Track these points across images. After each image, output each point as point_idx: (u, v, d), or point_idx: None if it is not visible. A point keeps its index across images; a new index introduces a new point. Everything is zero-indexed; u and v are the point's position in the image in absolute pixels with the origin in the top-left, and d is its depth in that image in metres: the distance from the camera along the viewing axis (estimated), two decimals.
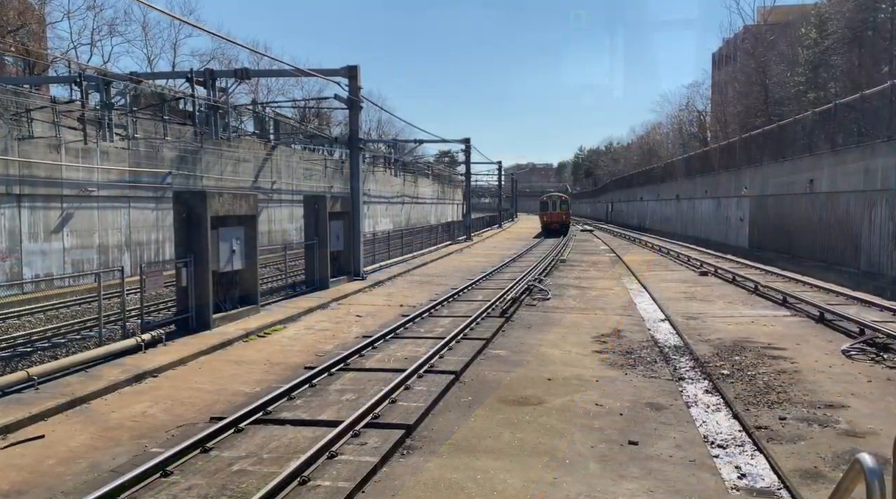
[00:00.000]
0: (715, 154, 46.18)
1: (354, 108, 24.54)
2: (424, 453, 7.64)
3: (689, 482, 6.86)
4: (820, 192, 27.19)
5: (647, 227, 67.89)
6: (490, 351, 12.90)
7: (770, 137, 34.74)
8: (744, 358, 12.31)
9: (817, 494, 6.58)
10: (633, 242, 50.17)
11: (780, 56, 51.35)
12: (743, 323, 15.92)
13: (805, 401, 9.64)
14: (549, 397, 9.83)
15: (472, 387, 10.37)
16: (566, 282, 24.21)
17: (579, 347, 13.32)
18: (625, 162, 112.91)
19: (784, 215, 31.35)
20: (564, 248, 41.05)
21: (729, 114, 61.62)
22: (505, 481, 6.85)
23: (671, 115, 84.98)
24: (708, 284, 23.93)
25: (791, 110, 42.21)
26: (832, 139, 27.09)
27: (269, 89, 58.51)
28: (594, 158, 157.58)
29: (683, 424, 8.70)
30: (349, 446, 7.67)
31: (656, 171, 68.71)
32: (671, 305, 18.61)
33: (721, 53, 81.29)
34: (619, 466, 7.27)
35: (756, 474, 7.24)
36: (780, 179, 32.23)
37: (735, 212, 39.61)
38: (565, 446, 7.85)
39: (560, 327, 15.38)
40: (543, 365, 11.76)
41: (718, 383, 10.67)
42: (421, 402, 9.28)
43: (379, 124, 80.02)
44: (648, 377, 11.03)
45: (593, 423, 8.67)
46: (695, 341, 13.81)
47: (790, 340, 13.81)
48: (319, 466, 7.09)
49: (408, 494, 6.56)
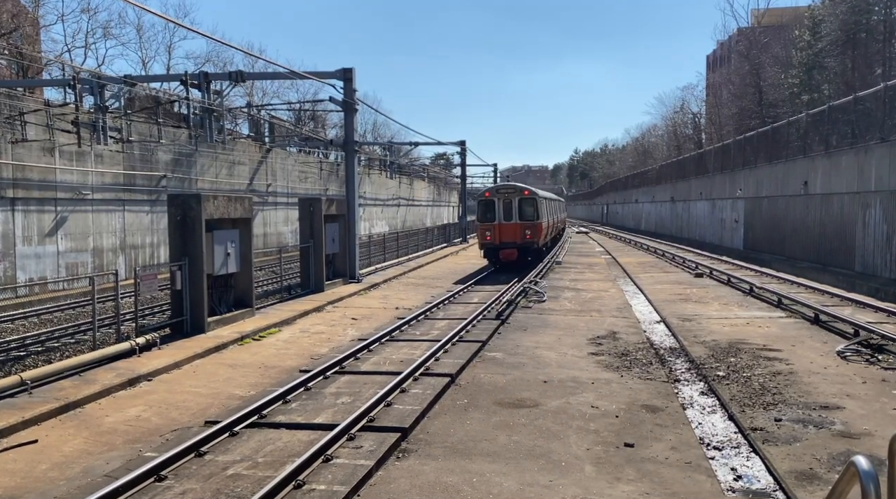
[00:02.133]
0: (710, 156, 46.31)
1: (350, 111, 24.53)
2: (420, 457, 7.62)
3: (685, 484, 6.86)
4: (814, 193, 27.27)
5: (643, 229, 68.03)
6: (486, 353, 12.88)
7: (764, 139, 34.84)
8: (739, 360, 12.32)
9: (813, 495, 6.59)
10: (629, 244, 50.24)
11: (774, 58, 51.55)
12: (738, 325, 15.94)
13: (800, 402, 9.65)
14: (544, 399, 9.82)
15: (468, 390, 10.35)
16: (562, 284, 24.22)
17: (575, 349, 13.32)
18: (620, 164, 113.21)
19: (779, 217, 31.43)
20: (560, 250, 41.06)
21: (723, 116, 61.83)
22: (501, 484, 6.83)
23: (666, 117, 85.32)
24: (703, 285, 23.97)
25: (785, 112, 42.35)
26: (826, 141, 27.18)
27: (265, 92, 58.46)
28: (589, 160, 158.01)
29: (679, 426, 8.70)
30: (344, 450, 7.64)
31: (651, 173, 68.88)
32: (666, 307, 18.63)
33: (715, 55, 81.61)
34: (615, 468, 7.26)
35: (752, 476, 7.24)
36: (774, 180, 32.32)
37: (730, 214, 39.70)
38: (561, 448, 7.84)
39: (556, 330, 15.38)
40: (539, 367, 11.75)
41: (714, 384, 10.68)
42: (416, 405, 9.25)
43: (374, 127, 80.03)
44: (644, 379, 11.03)
45: (589, 425, 8.66)
46: (690, 343, 13.82)
47: (785, 342, 13.83)
48: (314, 469, 7.07)
49: (403, 497, 6.54)
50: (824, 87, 43.40)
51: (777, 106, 48.54)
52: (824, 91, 42.43)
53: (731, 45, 67.44)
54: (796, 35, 46.67)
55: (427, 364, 11.52)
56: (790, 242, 29.84)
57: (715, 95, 67.27)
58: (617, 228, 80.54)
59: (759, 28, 61.18)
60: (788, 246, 29.97)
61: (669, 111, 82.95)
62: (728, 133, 54.27)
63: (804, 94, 43.74)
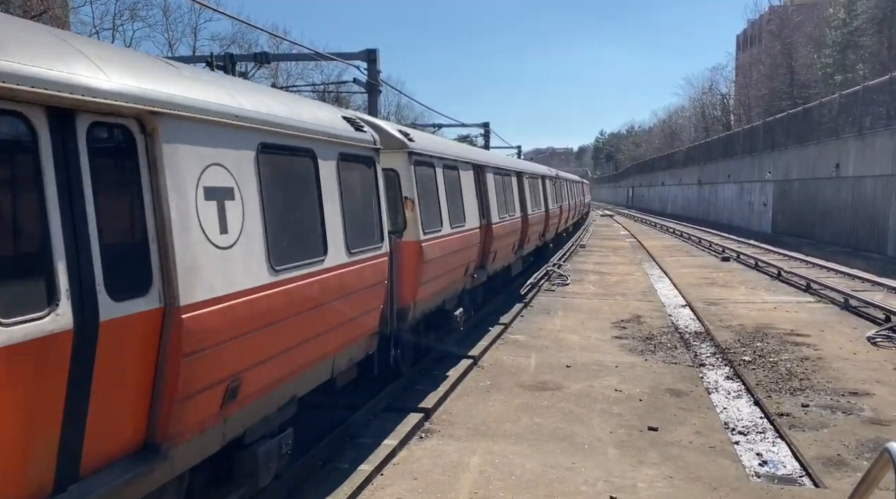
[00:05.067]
0: (738, 138, 45.54)
1: (374, 92, 24.48)
2: (443, 437, 7.66)
3: (709, 469, 6.81)
4: (846, 176, 26.70)
5: (669, 212, 67.30)
6: (509, 336, 12.87)
7: (795, 121, 34.14)
8: (766, 344, 12.17)
9: (840, 482, 6.50)
10: (654, 228, 49.73)
11: (806, 37, 50.33)
12: (765, 309, 15.73)
13: (828, 388, 9.52)
14: (567, 382, 9.80)
15: (491, 372, 10.37)
16: (586, 267, 24.07)
17: (599, 332, 13.25)
18: (646, 146, 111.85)
19: (808, 200, 30.86)
20: (584, 233, 40.79)
21: (753, 97, 60.64)
22: (523, 465, 6.85)
23: (694, 98, 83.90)
24: (730, 269, 23.66)
25: (817, 93, 41.43)
26: (859, 122, 26.55)
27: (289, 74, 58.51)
28: (615, 141, 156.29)
29: (704, 410, 8.63)
30: (368, 429, 7.71)
31: (678, 155, 67.98)
32: (692, 291, 18.44)
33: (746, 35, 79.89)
34: (638, 451, 7.24)
35: (777, 462, 7.18)
36: (804, 163, 31.70)
37: (758, 197, 39.08)
38: (584, 431, 7.82)
39: (579, 313, 15.31)
40: (562, 350, 11.72)
41: (740, 369, 10.57)
42: (440, 386, 9.29)
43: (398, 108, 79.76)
44: (668, 363, 10.95)
45: (612, 408, 8.63)
46: (716, 327, 13.67)
47: (814, 327, 13.63)
48: (338, 449, 7.14)
49: (426, 477, 6.59)
50: (859, 67, 42.31)
51: (809, 87, 47.50)
52: (859, 71, 41.37)
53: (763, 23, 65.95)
54: (830, 13, 45.50)
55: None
56: (820, 226, 29.31)
57: (745, 76, 66.01)
58: (642, 211, 79.74)
59: (791, 6, 59.73)
60: (818, 230, 29.45)
61: (697, 92, 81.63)
62: (757, 115, 53.23)
63: (838, 74, 42.72)
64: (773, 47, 55.68)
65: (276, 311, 4.95)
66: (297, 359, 5.45)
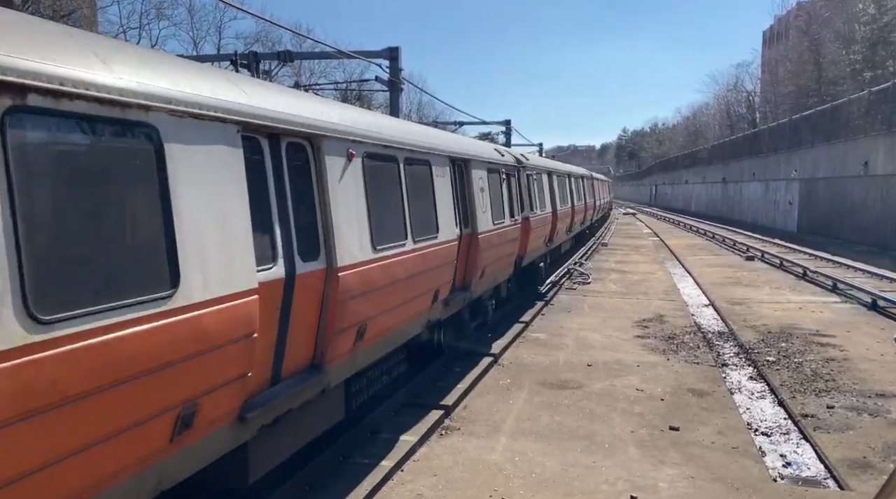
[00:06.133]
0: (764, 136, 44.96)
1: (395, 90, 24.54)
2: (463, 434, 7.68)
3: (732, 470, 6.76)
4: (875, 174, 26.23)
5: (692, 210, 66.65)
6: (529, 334, 12.85)
7: (823, 118, 33.61)
8: (790, 345, 12.02)
9: (866, 484, 6.41)
10: (677, 226, 49.27)
11: (835, 33, 49.48)
12: (790, 309, 15.53)
13: (854, 389, 9.38)
14: (588, 381, 9.77)
15: (511, 370, 10.37)
16: (607, 266, 23.93)
17: (620, 331, 13.18)
18: (670, 144, 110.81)
19: (835, 199, 30.37)
20: (606, 232, 40.54)
21: (779, 94, 59.80)
22: (543, 463, 6.84)
23: (718, 95, 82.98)
24: (754, 269, 23.38)
25: (846, 90, 40.71)
26: (889, 120, 26.06)
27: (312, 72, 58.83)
28: (638, 139, 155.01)
29: (726, 410, 8.56)
30: (389, 425, 7.75)
31: (702, 153, 67.28)
32: (715, 291, 18.25)
33: (772, 31, 78.81)
34: (660, 451, 7.20)
35: (801, 463, 7.09)
36: (832, 161, 31.19)
37: (784, 195, 38.55)
38: (605, 430, 7.80)
39: (601, 311, 15.23)
40: (583, 349, 11.68)
41: (763, 369, 10.45)
42: (460, 383, 9.31)
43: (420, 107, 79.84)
44: (691, 363, 10.86)
45: (633, 408, 8.59)
46: (739, 327, 13.53)
47: (840, 328, 13.42)
48: (359, 444, 7.19)
49: (447, 474, 6.62)
50: (889, 63, 41.52)
51: (837, 83, 46.69)
52: (889, 67, 40.60)
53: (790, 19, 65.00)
54: (860, 9, 44.68)
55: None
56: (847, 225, 28.83)
57: (771, 73, 65.08)
58: (665, 209, 79.04)
59: (819, 1, 58.69)
60: (845, 229, 28.98)
61: (722, 89, 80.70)
62: (784, 112, 52.47)
63: (867, 70, 41.97)
64: (801, 44, 54.85)
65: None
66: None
